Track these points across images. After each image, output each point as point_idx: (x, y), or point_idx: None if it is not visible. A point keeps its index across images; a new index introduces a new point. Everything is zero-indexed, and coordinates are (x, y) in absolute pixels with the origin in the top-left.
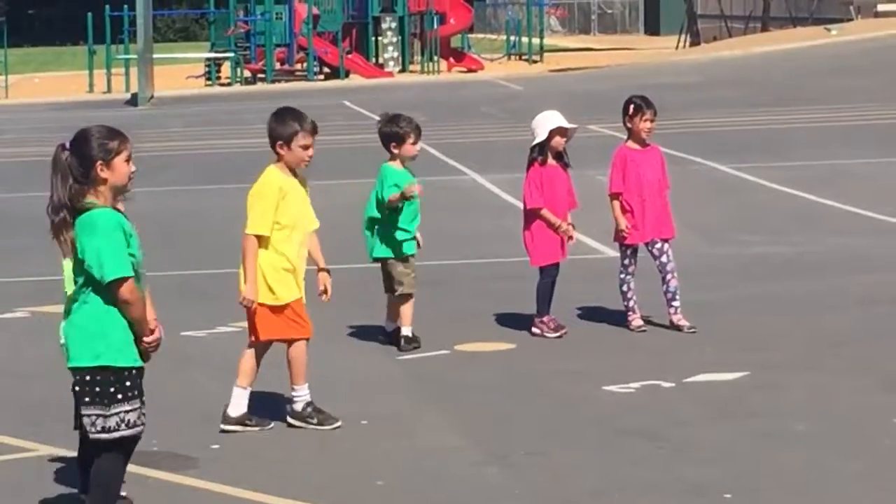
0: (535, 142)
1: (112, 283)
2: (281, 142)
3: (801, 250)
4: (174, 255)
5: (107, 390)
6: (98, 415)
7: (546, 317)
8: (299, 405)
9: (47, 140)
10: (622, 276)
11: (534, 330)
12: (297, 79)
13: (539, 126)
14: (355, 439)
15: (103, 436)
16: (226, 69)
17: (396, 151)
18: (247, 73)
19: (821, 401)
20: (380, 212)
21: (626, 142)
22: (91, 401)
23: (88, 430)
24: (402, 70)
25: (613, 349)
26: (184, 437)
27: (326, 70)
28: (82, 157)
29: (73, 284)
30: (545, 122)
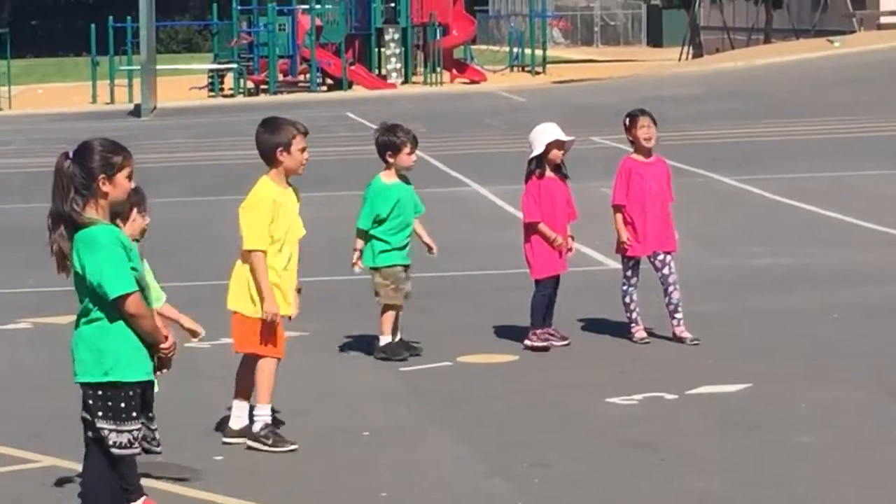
0: (532, 155)
1: (118, 300)
2: (281, 148)
3: (804, 262)
4: (177, 266)
5: (118, 406)
6: (111, 429)
7: (539, 330)
8: (257, 425)
9: (50, 151)
10: (624, 287)
11: (525, 342)
12: (300, 90)
13: (536, 139)
14: (358, 451)
15: (116, 451)
16: (229, 80)
17: (392, 161)
18: (250, 85)
19: (824, 412)
20: (364, 224)
21: (632, 154)
22: (104, 415)
23: (104, 443)
24: (405, 81)
25: (616, 361)
26: (187, 448)
27: (329, 81)
28: (85, 170)
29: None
30: (542, 135)
